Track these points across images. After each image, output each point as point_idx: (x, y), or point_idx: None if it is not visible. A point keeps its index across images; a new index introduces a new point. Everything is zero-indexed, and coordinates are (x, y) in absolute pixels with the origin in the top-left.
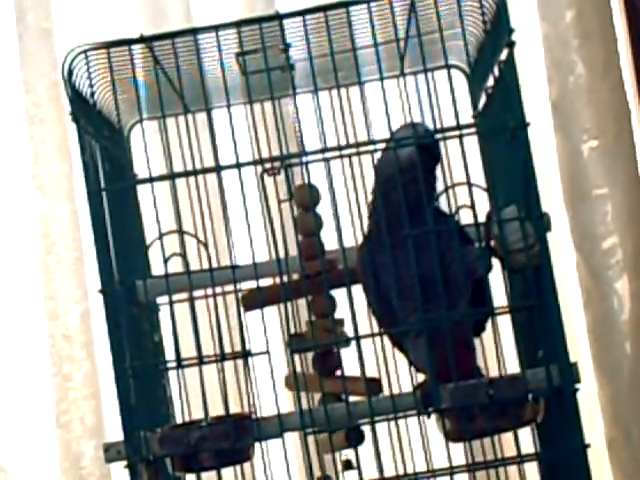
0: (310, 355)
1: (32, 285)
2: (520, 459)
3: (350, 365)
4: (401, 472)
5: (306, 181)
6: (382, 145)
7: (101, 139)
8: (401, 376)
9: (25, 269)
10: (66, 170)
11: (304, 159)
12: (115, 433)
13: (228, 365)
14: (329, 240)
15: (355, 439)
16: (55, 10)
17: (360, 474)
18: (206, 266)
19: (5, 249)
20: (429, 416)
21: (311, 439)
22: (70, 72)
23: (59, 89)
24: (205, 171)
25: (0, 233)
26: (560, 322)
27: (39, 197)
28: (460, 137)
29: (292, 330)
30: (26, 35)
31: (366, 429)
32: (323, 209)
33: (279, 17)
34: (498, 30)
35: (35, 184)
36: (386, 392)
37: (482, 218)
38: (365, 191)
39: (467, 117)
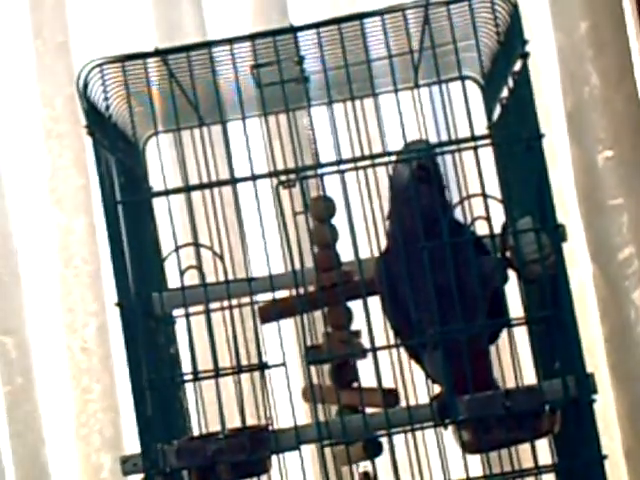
0: (327, 367)
1: (50, 298)
2: (537, 470)
3: (367, 377)
4: None
5: (321, 193)
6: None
7: (117, 152)
8: (418, 387)
9: (43, 282)
10: (83, 183)
11: (319, 171)
12: (133, 446)
13: (244, 377)
14: (345, 252)
15: (373, 451)
16: (71, 24)
17: None
18: (222, 278)
19: (24, 262)
20: (446, 428)
21: (328, 451)
22: (85, 85)
23: (76, 103)
24: (220, 184)
25: (18, 246)
26: (576, 333)
27: (56, 210)
28: (475, 148)
29: (308, 342)
30: (43, 49)
31: (383, 441)
32: (338, 221)
33: (293, 30)
34: (512, 41)
35: (53, 197)
36: (403, 404)
37: (498, 229)
38: (380, 202)
39: (482, 128)
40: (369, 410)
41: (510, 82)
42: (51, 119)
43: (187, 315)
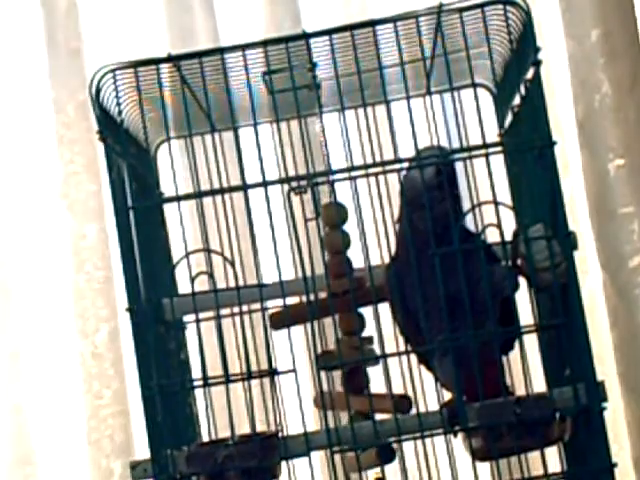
0: (337, 373)
1: (62, 303)
2: (547, 478)
3: (377, 383)
4: None
5: (332, 200)
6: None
7: (128, 157)
8: (428, 394)
9: (55, 287)
10: (95, 189)
11: (330, 178)
12: (143, 451)
13: (254, 383)
14: (356, 258)
15: (386, 457)
16: (84, 30)
17: None
18: (233, 284)
19: (35, 267)
20: (456, 435)
21: (338, 458)
22: (98, 91)
23: (88, 109)
24: (232, 190)
25: (30, 252)
26: (587, 341)
27: (68, 216)
28: (486, 156)
29: (319, 348)
30: (56, 54)
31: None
32: (350, 228)
33: (306, 36)
34: (524, 49)
35: (64, 203)
36: (413, 411)
37: (509, 237)
38: (391, 209)
39: (493, 136)
40: (380, 416)
41: (522, 90)
42: (63, 125)
43: (197, 321)
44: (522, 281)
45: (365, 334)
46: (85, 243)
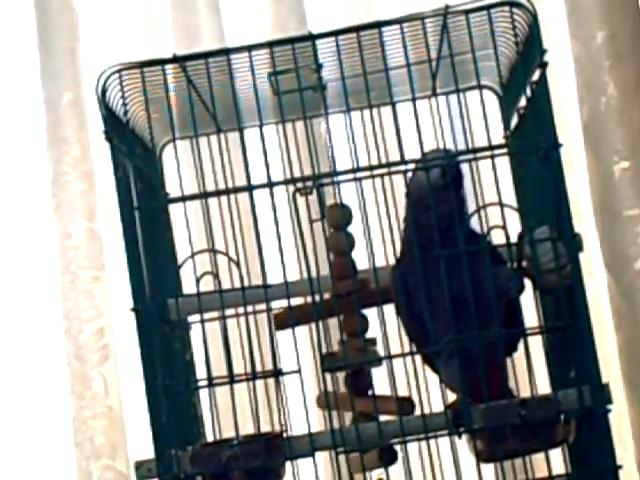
0: (341, 374)
1: (48, 304)
2: None
3: (381, 384)
4: None
5: (338, 200)
6: (413, 165)
7: (134, 158)
8: (432, 396)
9: (42, 287)
10: (84, 188)
11: (336, 179)
12: (136, 452)
13: (259, 384)
14: (361, 260)
15: (388, 458)
16: (82, 30)
17: None
18: (238, 285)
19: (22, 267)
20: (460, 436)
21: (342, 458)
22: (104, 91)
23: (79, 107)
24: (237, 190)
25: (18, 251)
26: (592, 343)
27: (56, 215)
28: (492, 157)
29: (323, 349)
30: (49, 53)
31: (397, 449)
32: (355, 229)
33: (312, 37)
34: (530, 51)
35: (53, 202)
36: (417, 412)
37: (514, 238)
38: (396, 211)
39: (499, 137)
40: (384, 418)
41: (528, 92)
42: (53, 123)
43: (202, 321)
44: (527, 283)
45: (369, 335)
46: (71, 243)
